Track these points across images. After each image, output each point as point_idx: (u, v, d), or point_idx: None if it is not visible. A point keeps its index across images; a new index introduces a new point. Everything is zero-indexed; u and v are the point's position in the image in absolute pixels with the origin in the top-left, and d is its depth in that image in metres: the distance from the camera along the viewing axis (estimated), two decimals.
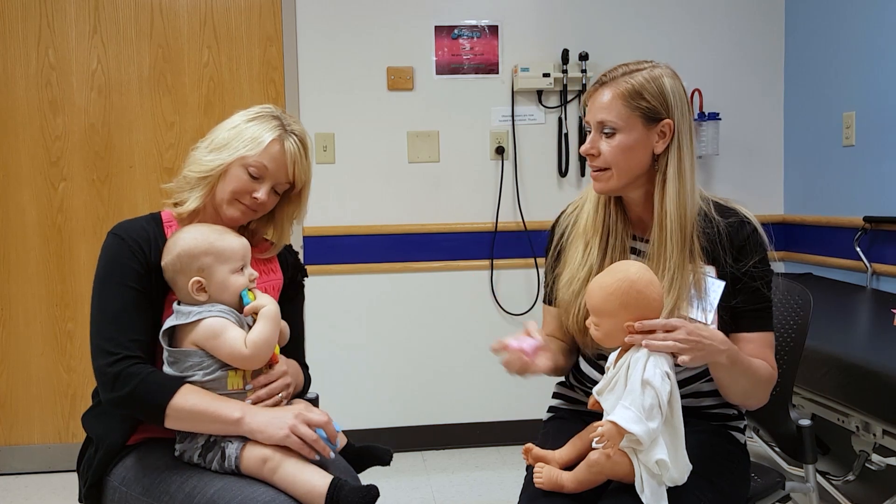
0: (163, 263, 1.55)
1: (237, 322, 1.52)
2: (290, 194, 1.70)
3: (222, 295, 1.53)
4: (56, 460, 3.35)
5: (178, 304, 1.54)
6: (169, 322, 1.52)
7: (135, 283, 1.55)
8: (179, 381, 1.49)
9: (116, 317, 1.53)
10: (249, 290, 1.55)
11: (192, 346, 1.50)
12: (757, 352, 1.56)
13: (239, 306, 1.55)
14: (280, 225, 1.75)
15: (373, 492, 1.44)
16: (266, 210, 1.67)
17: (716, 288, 1.53)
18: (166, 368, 1.52)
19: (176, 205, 1.67)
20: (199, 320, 1.49)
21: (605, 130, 1.54)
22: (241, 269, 1.55)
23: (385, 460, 1.70)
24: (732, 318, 1.56)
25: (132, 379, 1.47)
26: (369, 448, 1.71)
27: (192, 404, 1.47)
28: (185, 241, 1.53)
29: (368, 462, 1.70)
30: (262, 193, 1.61)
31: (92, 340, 1.54)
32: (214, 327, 1.49)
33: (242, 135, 1.61)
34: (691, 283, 1.52)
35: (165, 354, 1.52)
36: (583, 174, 3.53)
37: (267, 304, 1.53)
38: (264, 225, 1.76)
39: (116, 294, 1.54)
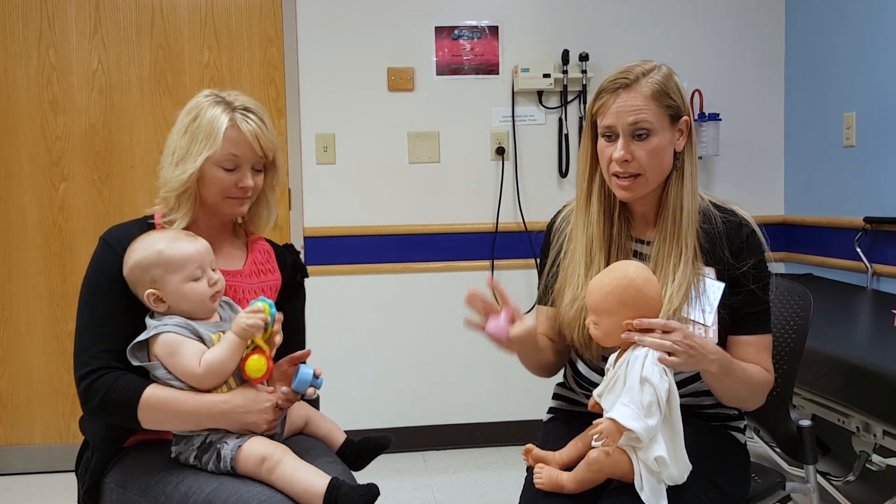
0: (123, 275, 1.53)
1: (194, 335, 1.49)
2: (265, 165, 1.67)
3: (181, 304, 1.50)
4: (57, 460, 3.35)
5: (150, 317, 1.52)
6: (137, 338, 1.50)
7: (117, 291, 1.54)
8: (145, 382, 1.49)
9: (94, 327, 1.54)
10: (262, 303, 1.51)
11: (155, 359, 1.49)
12: (754, 355, 1.56)
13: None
14: (265, 198, 1.72)
15: (373, 490, 1.44)
16: (258, 192, 1.66)
17: (715, 289, 1.53)
18: (152, 376, 1.51)
19: (168, 224, 1.62)
20: (157, 334, 1.47)
21: (639, 133, 1.51)
22: (201, 275, 1.50)
23: (384, 444, 1.70)
24: (730, 320, 1.56)
25: (100, 390, 1.48)
26: (368, 440, 1.71)
27: (159, 399, 1.47)
28: (135, 254, 1.51)
29: (371, 452, 1.71)
30: (247, 180, 1.60)
31: (74, 351, 1.55)
32: (169, 343, 1.47)
33: (196, 135, 1.57)
34: (693, 282, 1.53)
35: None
36: None
37: (232, 329, 1.48)
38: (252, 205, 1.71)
39: (96, 304, 1.55)
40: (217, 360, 1.47)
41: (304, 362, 1.61)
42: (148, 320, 1.51)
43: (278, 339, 1.55)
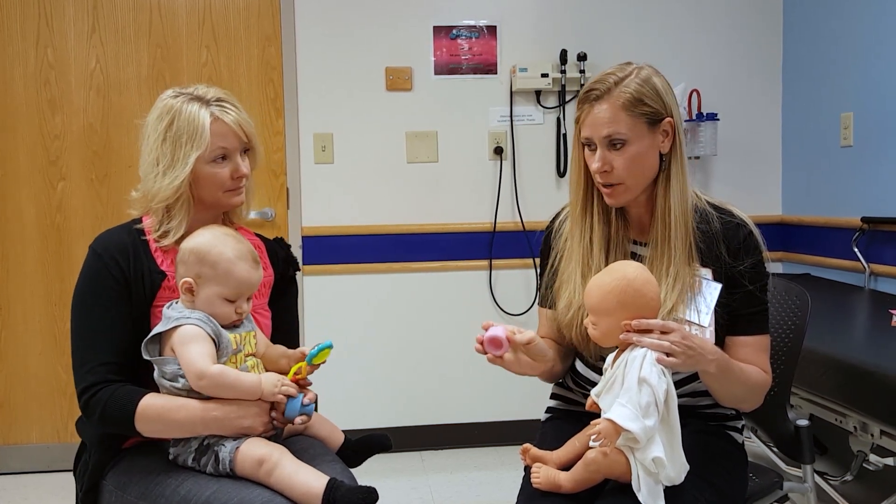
0: (180, 246, 1.53)
1: (214, 333, 1.48)
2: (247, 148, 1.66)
3: (204, 308, 1.50)
4: (54, 460, 3.35)
5: (167, 307, 1.52)
6: (154, 330, 1.50)
7: (109, 301, 1.54)
8: (139, 395, 1.49)
9: (88, 341, 1.54)
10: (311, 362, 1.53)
11: (170, 352, 1.48)
12: (752, 356, 1.56)
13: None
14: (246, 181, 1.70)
15: (372, 494, 1.44)
16: (250, 176, 1.65)
17: (712, 290, 1.53)
18: (155, 374, 1.51)
19: (162, 236, 1.60)
20: (176, 326, 1.47)
21: (615, 143, 1.51)
22: (236, 299, 1.50)
23: (387, 444, 1.70)
24: (728, 321, 1.56)
25: (98, 405, 1.49)
26: (368, 438, 1.71)
27: (154, 411, 1.47)
28: (203, 241, 1.50)
29: (371, 451, 1.71)
30: (241, 168, 1.59)
31: (72, 365, 1.55)
32: (187, 334, 1.46)
33: (179, 138, 1.55)
34: (688, 283, 1.53)
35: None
36: None
37: (264, 382, 1.48)
38: None
39: (89, 317, 1.54)
40: (231, 382, 1.46)
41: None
42: (166, 311, 1.51)
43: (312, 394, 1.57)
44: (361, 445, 1.71)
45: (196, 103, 1.57)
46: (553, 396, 1.82)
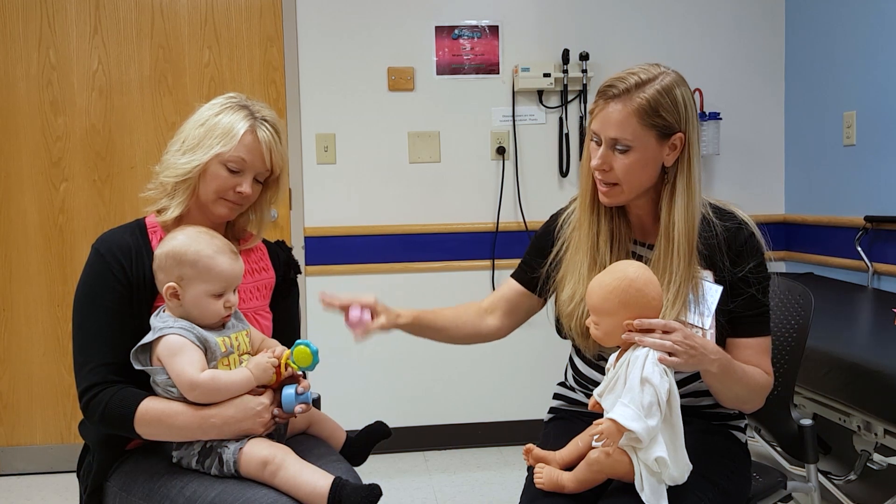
0: (155, 253, 1.54)
1: (199, 340, 1.47)
2: (268, 180, 1.68)
3: (192, 311, 1.50)
4: (58, 461, 3.36)
5: (154, 316, 1.52)
6: (141, 341, 1.50)
7: (111, 302, 1.54)
8: (140, 397, 1.49)
9: (90, 341, 1.54)
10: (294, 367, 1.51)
11: (158, 362, 1.48)
12: (753, 357, 1.56)
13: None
14: (260, 211, 1.72)
15: (375, 491, 1.44)
16: (251, 201, 1.66)
17: (713, 293, 1.52)
18: (151, 381, 1.51)
19: (159, 212, 1.64)
20: (160, 337, 1.47)
21: (619, 147, 1.50)
22: (222, 293, 1.50)
23: (386, 431, 1.72)
24: (730, 323, 1.56)
25: (99, 405, 1.50)
26: (367, 430, 1.72)
27: (153, 415, 1.47)
28: (178, 243, 1.50)
29: (371, 442, 1.71)
30: (246, 187, 1.60)
31: (73, 366, 1.56)
32: (172, 345, 1.46)
33: (214, 131, 1.58)
34: (690, 288, 1.52)
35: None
36: None
37: (251, 366, 1.49)
38: (245, 212, 1.72)
39: (90, 317, 1.55)
40: (225, 385, 1.46)
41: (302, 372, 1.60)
42: (153, 321, 1.51)
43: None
44: (362, 440, 1.71)
45: (244, 111, 1.61)
46: (556, 396, 1.82)
